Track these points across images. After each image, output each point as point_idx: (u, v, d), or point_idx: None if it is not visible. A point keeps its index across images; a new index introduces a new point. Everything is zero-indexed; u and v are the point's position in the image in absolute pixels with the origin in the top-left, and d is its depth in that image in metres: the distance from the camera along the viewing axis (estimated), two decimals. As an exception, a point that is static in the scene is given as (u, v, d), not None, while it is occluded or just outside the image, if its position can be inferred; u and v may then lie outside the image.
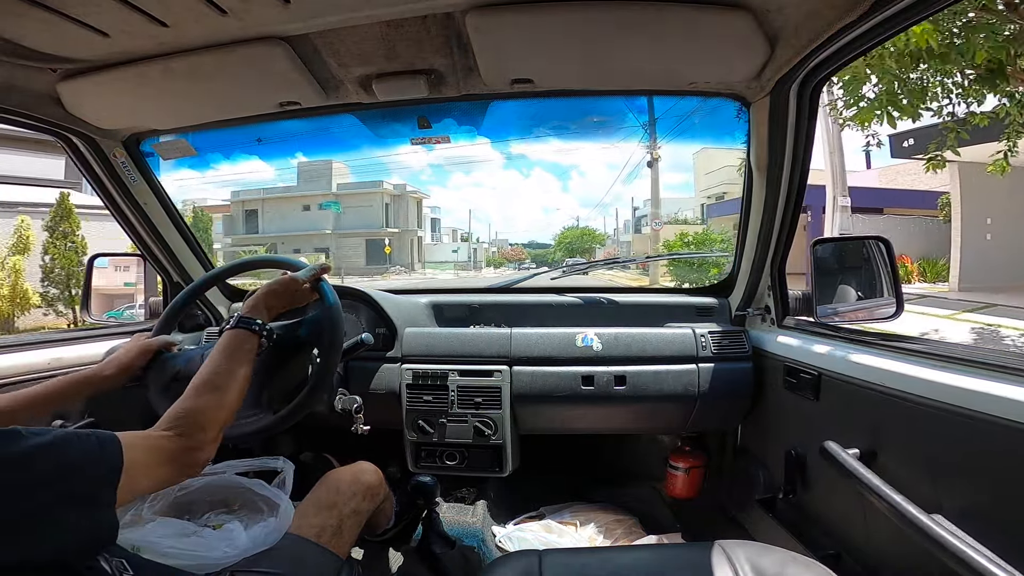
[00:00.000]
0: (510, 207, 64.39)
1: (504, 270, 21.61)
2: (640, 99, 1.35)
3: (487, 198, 62.03)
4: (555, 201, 69.87)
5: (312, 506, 0.95)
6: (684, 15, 0.85)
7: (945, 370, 0.78)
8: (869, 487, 0.76)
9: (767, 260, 1.28)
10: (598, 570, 0.84)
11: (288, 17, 0.83)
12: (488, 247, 30.94)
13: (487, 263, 26.62)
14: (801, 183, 1.12)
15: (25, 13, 0.74)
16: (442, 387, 1.36)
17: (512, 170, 69.63)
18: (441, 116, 1.29)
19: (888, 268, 1.22)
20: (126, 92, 1.03)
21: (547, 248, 27.87)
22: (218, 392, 0.68)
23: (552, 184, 73.50)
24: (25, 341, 1.22)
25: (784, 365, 1.19)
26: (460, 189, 58.54)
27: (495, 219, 74.27)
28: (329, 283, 1.05)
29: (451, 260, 26.53)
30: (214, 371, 0.70)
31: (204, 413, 0.65)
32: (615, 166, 52.97)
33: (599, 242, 25.35)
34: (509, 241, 32.30)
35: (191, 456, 0.62)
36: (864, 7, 0.73)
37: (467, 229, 31.98)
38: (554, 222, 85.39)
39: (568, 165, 68.62)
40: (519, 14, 0.85)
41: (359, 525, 1.01)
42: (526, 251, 27.61)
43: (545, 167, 72.55)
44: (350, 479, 1.04)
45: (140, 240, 1.43)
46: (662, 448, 1.75)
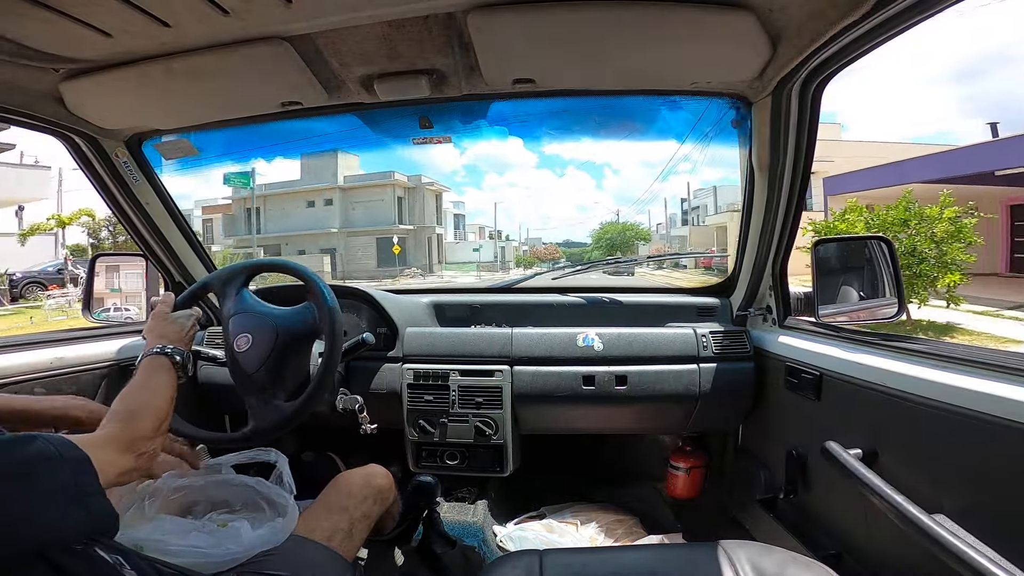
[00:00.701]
0: (543, 206, 63.71)
1: (536, 271, 20.02)
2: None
3: (520, 197, 61.32)
4: (590, 199, 68.81)
5: (323, 509, 0.95)
6: (686, 15, 0.85)
7: (946, 370, 0.78)
8: (870, 487, 0.76)
9: (768, 260, 1.28)
10: (599, 570, 0.84)
11: (290, 17, 0.83)
12: (519, 246, 29.10)
13: (517, 263, 24.86)
14: (803, 183, 1.12)
15: (28, 13, 0.75)
16: (443, 387, 1.36)
17: (545, 169, 69.03)
18: (443, 115, 1.29)
19: (890, 268, 1.21)
20: (128, 92, 1.03)
21: (583, 247, 26.42)
22: (141, 391, 0.78)
23: (587, 182, 73.01)
24: (26, 341, 1.22)
25: (785, 365, 1.19)
26: (496, 190, 58.05)
27: (529, 217, 72.85)
28: (327, 284, 1.06)
29: (473, 260, 24.51)
30: (132, 387, 0.79)
31: (133, 408, 0.73)
32: (650, 164, 52.24)
33: (643, 238, 23.65)
34: (542, 240, 30.59)
35: (141, 444, 0.69)
36: (867, 7, 0.73)
37: (494, 226, 29.29)
38: (589, 220, 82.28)
39: (602, 163, 67.90)
40: (520, 14, 0.85)
41: (368, 528, 1.01)
42: (560, 250, 26.22)
43: (578, 165, 72.06)
44: (362, 482, 1.04)
45: (142, 240, 1.44)
46: (663, 448, 1.75)
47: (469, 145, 14.21)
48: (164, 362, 0.85)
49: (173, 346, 0.87)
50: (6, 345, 1.15)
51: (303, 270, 1.09)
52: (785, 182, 1.13)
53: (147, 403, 0.75)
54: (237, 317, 1.05)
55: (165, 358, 0.85)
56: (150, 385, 0.80)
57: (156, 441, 0.73)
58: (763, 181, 1.19)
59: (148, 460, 0.71)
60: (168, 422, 0.78)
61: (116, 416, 0.72)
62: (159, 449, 0.75)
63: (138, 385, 0.80)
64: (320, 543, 0.87)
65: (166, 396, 0.80)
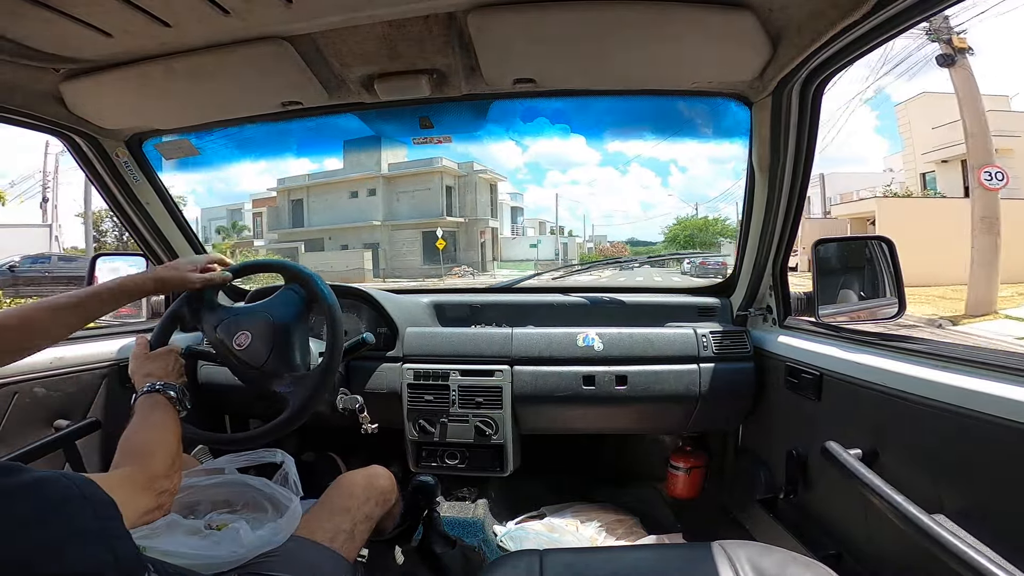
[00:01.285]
0: (607, 202, 62.47)
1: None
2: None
3: (583, 193, 60.06)
4: (655, 196, 66.87)
5: (326, 510, 0.95)
6: (686, 15, 0.85)
7: (947, 370, 0.78)
8: (870, 487, 0.76)
9: (769, 260, 1.28)
10: (599, 570, 0.84)
11: (290, 17, 0.83)
12: (583, 242, 26.99)
13: (581, 261, 20.45)
14: (803, 183, 1.12)
15: (28, 13, 0.75)
16: (443, 387, 1.37)
17: (608, 167, 67.73)
18: (442, 114, 1.28)
19: (891, 268, 1.21)
20: (129, 92, 1.03)
21: (649, 245, 24.73)
22: (145, 431, 0.75)
23: (651, 180, 71.64)
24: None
25: (786, 365, 1.19)
26: (557, 186, 56.60)
27: (592, 213, 69.02)
28: (326, 283, 1.06)
29: (531, 258, 21.53)
30: (134, 427, 0.76)
31: (141, 448, 0.71)
32: (720, 160, 50.19)
33: (728, 235, 20.31)
34: (608, 238, 28.57)
35: (159, 482, 0.66)
36: (867, 7, 0.73)
37: (555, 220, 25.98)
38: (655, 218, 78.78)
39: (667, 160, 65.91)
40: (521, 14, 0.85)
41: (370, 529, 1.01)
42: (628, 248, 24.55)
43: (643, 163, 70.57)
44: (364, 483, 1.04)
45: (142, 240, 1.44)
46: (663, 448, 1.75)
47: (531, 143, 13.65)
48: (159, 399, 0.81)
49: (163, 382, 0.84)
50: (6, 345, 1.15)
51: (287, 265, 1.11)
52: (785, 182, 1.13)
53: (154, 440, 0.73)
54: (224, 324, 1.04)
55: (159, 395, 0.82)
56: (151, 423, 0.77)
57: (174, 479, 0.71)
58: (763, 181, 1.19)
59: (169, 498, 0.69)
60: (180, 459, 0.75)
61: (127, 457, 0.69)
62: (178, 487, 0.73)
63: (139, 426, 0.76)
64: (322, 544, 0.87)
65: (171, 432, 0.77)
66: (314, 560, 0.84)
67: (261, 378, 1.02)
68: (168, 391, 0.82)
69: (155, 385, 0.83)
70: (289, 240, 20.13)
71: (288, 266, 1.11)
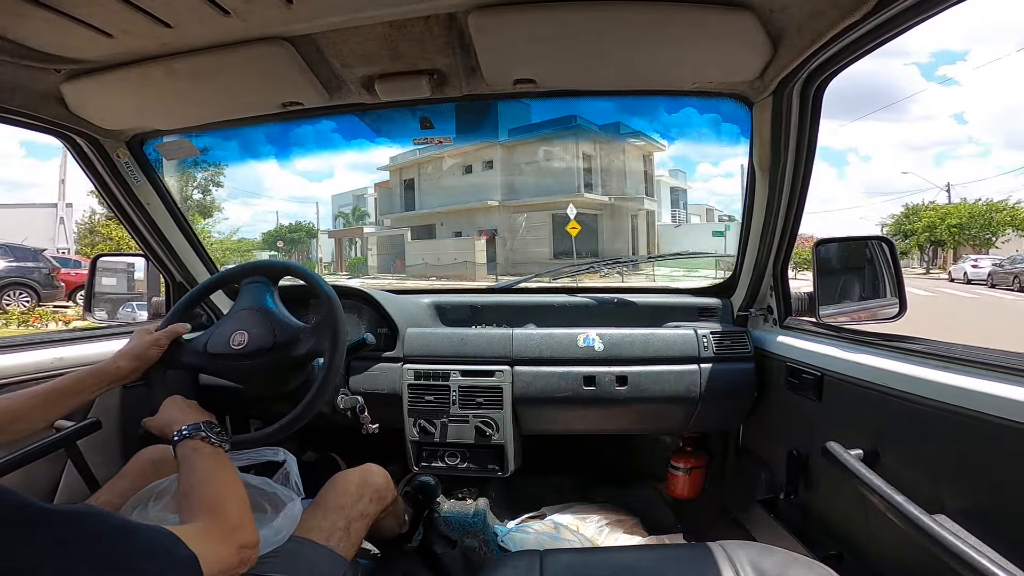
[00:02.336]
0: None
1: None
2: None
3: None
4: (829, 191, 60.36)
5: (320, 509, 0.95)
6: (686, 15, 0.85)
7: (947, 370, 0.78)
8: (871, 487, 0.76)
9: (769, 260, 1.28)
10: (599, 570, 0.84)
11: (291, 18, 0.83)
12: None
13: None
14: (804, 184, 1.12)
15: (29, 14, 0.75)
16: (444, 387, 1.37)
17: None
18: (443, 114, 1.29)
19: (891, 268, 1.21)
20: (129, 92, 1.03)
21: None
22: (204, 483, 0.69)
23: (825, 171, 65.30)
24: (27, 341, 1.22)
25: (786, 365, 1.19)
26: (708, 180, 52.47)
27: None
28: (328, 283, 1.06)
29: (712, 253, 14.34)
30: (188, 482, 0.70)
31: (206, 500, 0.66)
32: (918, 147, 45.30)
33: (1019, 226, 14.03)
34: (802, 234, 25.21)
35: (236, 535, 0.62)
36: (868, 7, 0.73)
37: (742, 200, 18.05)
38: (829, 212, 67.29)
39: (842, 150, 60.86)
40: (521, 14, 0.85)
41: (366, 528, 1.01)
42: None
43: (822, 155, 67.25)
44: (358, 481, 1.04)
45: (143, 240, 1.44)
46: (664, 448, 1.75)
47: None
48: (198, 444, 0.75)
49: (188, 425, 0.77)
50: (6, 345, 1.15)
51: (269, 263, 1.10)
52: (786, 183, 1.13)
53: (219, 492, 0.67)
54: (218, 331, 1.01)
55: (198, 440, 0.76)
56: (207, 473, 0.71)
57: (251, 530, 0.65)
58: (764, 181, 1.19)
59: (252, 554, 0.64)
60: (248, 506, 0.69)
61: (195, 513, 0.64)
62: (259, 542, 0.67)
63: (194, 479, 0.69)
64: (319, 543, 0.87)
65: (230, 475, 0.72)
66: (311, 558, 0.84)
67: (285, 351, 0.97)
68: (197, 433, 0.77)
69: (182, 431, 0.77)
70: (398, 226, 16.95)
71: (239, 271, 1.11)
